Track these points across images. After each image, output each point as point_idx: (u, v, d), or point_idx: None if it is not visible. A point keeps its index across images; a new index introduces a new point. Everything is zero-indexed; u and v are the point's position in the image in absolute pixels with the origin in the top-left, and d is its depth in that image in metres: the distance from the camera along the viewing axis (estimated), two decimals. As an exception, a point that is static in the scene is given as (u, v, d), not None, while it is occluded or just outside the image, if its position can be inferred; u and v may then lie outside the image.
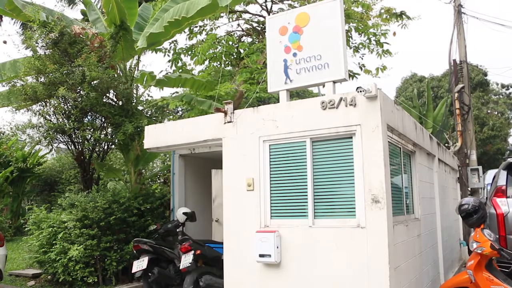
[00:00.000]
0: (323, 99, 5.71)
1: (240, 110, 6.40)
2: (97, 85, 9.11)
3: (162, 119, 11.38)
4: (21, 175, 15.30)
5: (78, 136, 9.78)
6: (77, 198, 8.60)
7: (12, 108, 9.78)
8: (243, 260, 5.98)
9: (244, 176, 6.11)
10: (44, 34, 9.19)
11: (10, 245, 8.84)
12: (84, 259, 7.86)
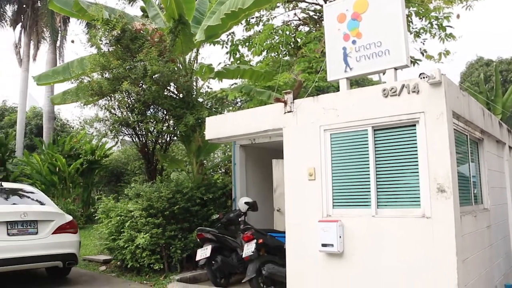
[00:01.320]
0: (384, 86, 5.59)
1: (300, 100, 6.39)
2: (158, 79, 9.36)
3: (221, 110, 11.54)
4: (90, 166, 16.01)
5: (142, 129, 10.11)
6: (142, 188, 8.92)
7: (80, 103, 10.25)
8: (305, 250, 6.00)
9: (305, 165, 6.11)
10: (107, 31, 9.53)
11: (82, 232, 9.34)
12: (150, 246, 8.14)
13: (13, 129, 27.97)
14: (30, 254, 7.22)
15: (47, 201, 8.57)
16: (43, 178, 15.83)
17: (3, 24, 26.35)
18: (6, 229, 7.09)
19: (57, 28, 24.66)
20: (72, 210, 13.11)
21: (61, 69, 11.63)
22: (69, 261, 7.77)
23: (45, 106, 24.57)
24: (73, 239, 7.87)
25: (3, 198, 8.16)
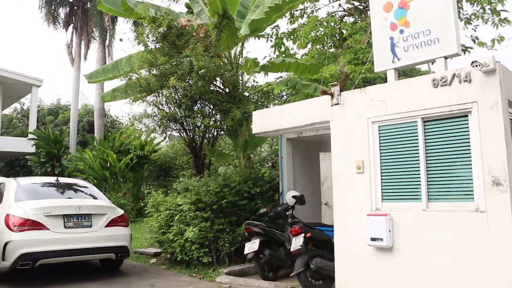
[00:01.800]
0: (434, 76, 5.43)
1: (347, 92, 6.30)
2: (204, 74, 9.46)
3: (267, 104, 11.55)
4: (140, 161, 16.37)
5: (189, 124, 10.26)
6: (190, 183, 9.06)
7: (129, 100, 10.51)
8: (354, 244, 5.94)
9: (353, 158, 6.03)
10: (153, 29, 9.71)
11: (133, 225, 9.59)
12: (199, 240, 8.26)
13: (67, 126, 29.03)
14: (85, 246, 7.48)
15: (100, 195, 8.85)
16: (95, 173, 16.32)
17: (57, 26, 27.34)
18: (63, 222, 7.38)
19: (105, 28, 25.35)
20: (123, 204, 13.46)
21: (110, 67, 11.95)
22: (121, 254, 7.99)
23: (96, 103, 25.35)
24: (125, 232, 8.09)
25: (59, 193, 8.52)
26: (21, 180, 8.79)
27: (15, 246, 6.96)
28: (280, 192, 8.83)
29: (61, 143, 19.91)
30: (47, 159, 19.23)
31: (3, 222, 7.20)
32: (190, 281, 7.65)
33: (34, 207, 7.37)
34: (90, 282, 7.42)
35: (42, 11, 26.87)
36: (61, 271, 8.10)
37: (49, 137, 19.71)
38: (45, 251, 7.13)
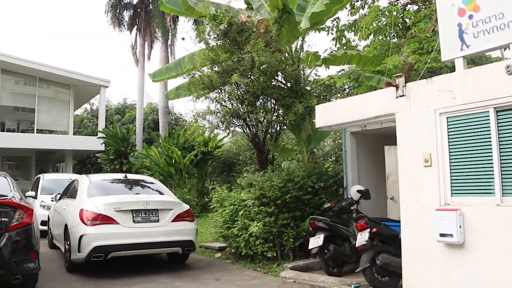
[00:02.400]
0: (508, 63, 5.13)
1: (412, 83, 6.10)
2: (266, 69, 9.47)
3: (330, 97, 11.41)
4: (204, 158, 16.68)
5: (252, 119, 10.32)
6: (254, 178, 9.11)
7: (192, 97, 10.71)
8: (422, 239, 5.74)
9: (420, 151, 5.83)
10: (214, 26, 9.82)
11: (198, 220, 9.77)
12: (263, 235, 8.29)
13: (133, 124, 30.05)
14: (153, 240, 7.70)
15: (166, 191, 9.09)
16: (161, 170, 16.81)
17: (122, 28, 28.37)
18: (132, 217, 7.63)
19: (167, 28, 25.98)
20: (188, 199, 13.76)
21: (173, 66, 12.24)
22: (188, 248, 8.15)
23: (160, 101, 26.06)
24: (191, 227, 8.25)
25: (127, 189, 8.83)
26: (92, 177, 9.20)
27: (89, 239, 7.29)
28: (344, 186, 8.70)
29: (128, 141, 20.67)
30: (116, 157, 20.04)
31: (77, 216, 7.58)
32: (255, 276, 7.70)
33: (105, 202, 7.69)
34: (158, 275, 7.64)
35: (108, 15, 27.99)
36: (130, 264, 8.39)
37: (117, 135, 20.52)
38: (116, 244, 7.42)
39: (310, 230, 7.93)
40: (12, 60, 21.76)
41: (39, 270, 6.37)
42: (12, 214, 5.96)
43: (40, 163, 26.97)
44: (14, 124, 23.86)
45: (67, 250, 7.92)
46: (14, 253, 5.84)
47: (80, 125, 37.47)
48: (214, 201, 9.68)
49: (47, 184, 14.04)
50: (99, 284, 7.05)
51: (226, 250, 9.67)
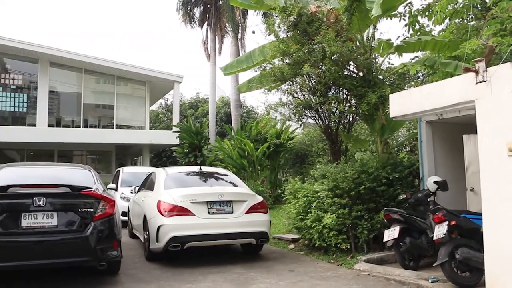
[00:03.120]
0: None
1: (494, 67, 5.76)
2: (337, 59, 9.34)
3: (404, 86, 11.06)
4: (276, 150, 16.75)
5: (324, 110, 10.23)
6: (327, 169, 9.04)
7: (264, 90, 10.77)
8: (506, 233, 5.44)
9: (503, 140, 5.50)
10: (284, 18, 9.80)
11: (271, 212, 9.84)
12: (337, 226, 8.21)
13: (206, 118, 30.75)
14: (227, 231, 7.84)
15: (240, 183, 9.23)
16: (234, 162, 17.07)
17: (193, 25, 29.06)
18: (207, 208, 7.82)
19: (237, 22, 26.28)
20: (261, 191, 13.88)
21: (244, 59, 12.35)
22: (261, 239, 8.22)
23: (232, 95, 26.45)
24: (264, 218, 8.32)
25: (202, 181, 9.07)
26: (169, 169, 9.52)
27: (166, 229, 7.56)
28: (420, 177, 8.40)
29: (202, 134, 21.16)
30: (190, 150, 20.61)
31: (155, 207, 7.88)
32: (328, 268, 7.66)
33: (181, 194, 7.94)
34: (232, 265, 7.78)
35: (180, 12, 28.76)
36: (205, 255, 8.61)
37: (191, 129, 21.08)
38: (192, 235, 7.64)
39: (385, 222, 7.75)
40: (93, 60, 23.02)
41: (121, 258, 6.72)
42: (97, 205, 6.33)
43: (119, 157, 28.29)
44: (96, 120, 25.17)
45: (146, 240, 8.27)
46: (99, 241, 6.21)
47: (155, 120, 38.88)
48: (287, 193, 9.70)
49: (127, 177, 14.71)
50: (176, 272, 7.30)
51: (299, 242, 9.68)
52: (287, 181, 10.16)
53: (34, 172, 7.55)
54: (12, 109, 22.75)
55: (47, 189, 6.28)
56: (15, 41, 21.86)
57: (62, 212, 6.16)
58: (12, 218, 5.93)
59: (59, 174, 7.57)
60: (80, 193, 6.36)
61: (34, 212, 5.99)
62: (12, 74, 22.77)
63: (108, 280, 6.75)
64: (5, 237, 5.86)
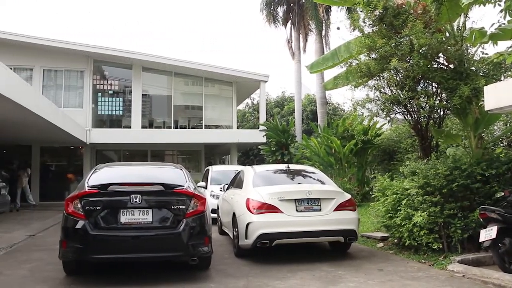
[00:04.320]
0: None
1: None
2: (426, 52, 9.02)
3: (499, 77, 10.42)
4: (363, 146, 16.43)
5: (413, 105, 9.92)
6: (417, 166, 8.75)
7: (350, 86, 10.64)
8: None
9: None
10: (369, 12, 9.61)
11: (359, 210, 9.67)
12: (428, 225, 7.92)
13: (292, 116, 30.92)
14: (315, 229, 7.85)
15: (327, 180, 9.19)
16: (321, 159, 17.00)
17: (277, 24, 29.34)
18: (295, 206, 7.87)
19: (320, 19, 26.13)
20: (348, 188, 13.69)
21: (330, 56, 12.28)
22: (350, 237, 8.14)
23: (318, 92, 26.35)
24: (353, 216, 8.23)
25: (289, 178, 9.15)
26: (256, 167, 9.72)
27: (255, 226, 7.72)
28: (521, 174, 7.89)
29: (289, 133, 21.33)
30: (277, 148, 20.83)
31: (244, 205, 8.08)
32: (419, 268, 7.42)
33: (269, 192, 8.06)
34: (320, 263, 7.77)
35: (263, 12, 29.12)
36: (293, 252, 8.68)
37: (278, 127, 21.32)
38: (280, 232, 7.74)
39: (481, 221, 7.36)
40: (182, 64, 24.00)
41: (211, 253, 6.97)
42: (188, 202, 6.63)
43: (208, 156, 29.16)
44: (185, 121, 26.12)
45: (235, 237, 8.48)
46: (191, 237, 6.50)
47: (242, 119, 39.64)
48: (376, 190, 9.53)
49: (216, 175, 15.17)
50: (265, 269, 7.43)
51: (388, 240, 9.47)
52: (375, 178, 9.97)
53: (130, 171, 8.04)
54: (110, 113, 24.29)
55: (143, 187, 6.67)
56: (112, 50, 23.39)
57: (156, 209, 6.52)
58: (112, 214, 6.40)
59: (153, 173, 8.01)
60: (173, 191, 6.70)
61: (131, 208, 6.41)
62: (109, 80, 24.33)
63: (199, 275, 7.02)
64: (107, 231, 6.33)
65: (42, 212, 18.34)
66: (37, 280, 6.83)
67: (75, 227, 6.29)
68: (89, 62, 23.55)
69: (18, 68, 21.45)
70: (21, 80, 12.17)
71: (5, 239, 10.94)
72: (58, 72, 23.69)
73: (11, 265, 7.95)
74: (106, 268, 7.30)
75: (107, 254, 6.35)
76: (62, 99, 23.29)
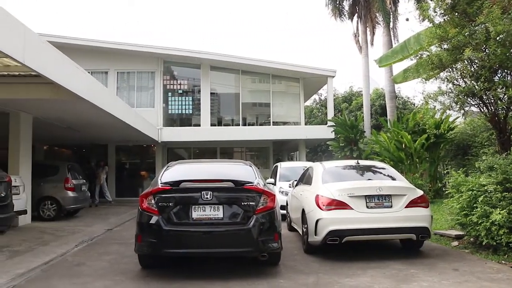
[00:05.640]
0: None
1: None
2: (504, 39, 8.55)
3: None
4: (435, 141, 15.89)
5: (490, 97, 9.45)
6: (495, 161, 8.33)
7: (421, 79, 10.30)
8: None
9: None
10: (440, 1, 9.26)
11: (431, 206, 9.30)
12: (508, 224, 7.47)
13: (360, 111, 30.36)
14: (386, 226, 7.65)
15: (398, 176, 8.94)
16: (391, 155, 16.60)
17: (343, 18, 28.87)
18: (365, 202, 7.72)
19: (388, 11, 25.43)
20: (420, 185, 13.30)
21: (399, 48, 11.97)
22: (422, 235, 7.86)
23: (386, 86, 25.69)
24: (425, 213, 7.95)
25: (359, 174, 8.99)
26: (326, 164, 9.63)
27: (324, 223, 7.66)
28: None
29: (357, 128, 21.02)
30: (346, 144, 20.60)
31: (313, 201, 8.04)
32: (499, 269, 7.00)
33: (339, 188, 7.97)
34: (391, 261, 7.56)
35: (329, 7, 28.75)
36: (362, 249, 8.53)
37: (346, 123, 21.06)
38: (350, 229, 7.62)
39: None
40: (250, 61, 24.26)
41: (281, 249, 6.99)
42: (258, 199, 6.67)
43: (276, 153, 29.26)
44: (253, 118, 26.35)
45: (305, 233, 8.45)
46: (261, 233, 6.54)
47: (310, 115, 39.45)
48: (449, 187, 9.16)
49: (284, 171, 15.21)
50: (335, 265, 7.35)
51: (463, 239, 9.06)
52: (448, 174, 9.59)
53: (201, 168, 8.23)
54: (180, 112, 24.99)
55: (214, 183, 6.78)
56: (181, 50, 24.14)
57: (226, 205, 6.62)
58: (184, 210, 6.57)
59: (223, 169, 8.14)
60: (243, 187, 6.77)
61: (202, 205, 6.55)
62: (178, 80, 25.05)
63: (269, 270, 7.05)
64: (179, 226, 6.50)
65: (118, 207, 19.28)
66: (115, 272, 7.17)
67: (150, 222, 6.52)
68: (159, 63, 24.42)
69: (95, 72, 22.65)
70: (99, 83, 12.89)
71: (86, 232, 11.70)
72: (130, 74, 24.76)
73: (92, 257, 8.45)
74: (179, 263, 7.52)
75: (179, 249, 6.54)
76: (135, 99, 24.36)
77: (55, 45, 9.45)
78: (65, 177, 14.78)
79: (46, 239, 10.42)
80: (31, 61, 7.96)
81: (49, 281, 6.67)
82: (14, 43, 7.42)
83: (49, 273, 7.17)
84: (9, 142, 12.54)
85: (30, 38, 7.99)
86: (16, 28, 7.55)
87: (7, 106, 11.73)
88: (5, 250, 8.88)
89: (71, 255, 8.70)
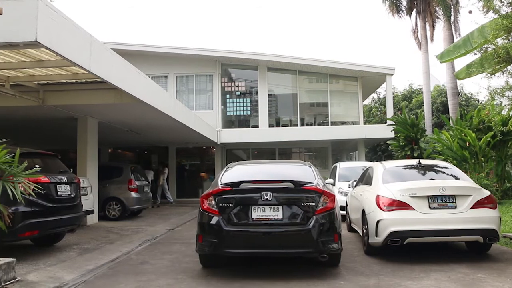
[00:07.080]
0: None
1: None
2: None
3: None
4: (503, 139, 15.17)
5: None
6: None
7: (486, 74, 9.90)
8: None
9: None
10: (508, -9, 8.85)
11: (499, 207, 8.89)
12: None
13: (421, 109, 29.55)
14: (450, 227, 7.39)
15: (462, 176, 8.62)
16: (454, 154, 16.00)
17: (400, 14, 28.18)
18: (427, 203, 7.50)
19: (448, 4, 24.58)
20: (486, 184, 12.75)
21: (461, 43, 11.54)
22: (490, 237, 7.51)
23: (448, 83, 24.83)
24: (493, 214, 7.60)
25: (421, 174, 8.75)
26: (386, 163, 9.43)
27: (385, 224, 7.51)
28: None
29: (418, 126, 20.44)
30: (406, 143, 20.08)
31: (374, 202, 7.91)
32: None
33: (400, 188, 7.78)
34: (455, 264, 7.30)
35: (386, 3, 28.13)
36: (425, 252, 8.29)
37: (406, 121, 20.54)
38: (412, 230, 7.42)
39: None
40: (306, 61, 24.21)
41: (341, 251, 6.92)
42: (318, 199, 6.64)
43: (335, 153, 28.96)
44: (311, 118, 26.24)
45: (365, 234, 8.32)
46: (321, 234, 6.50)
47: (368, 114, 38.76)
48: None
49: (343, 171, 15.05)
50: (396, 268, 7.18)
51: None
52: (518, 173, 9.13)
53: (260, 169, 8.28)
54: (238, 113, 25.32)
55: (273, 184, 6.81)
56: (239, 53, 24.49)
57: (286, 206, 6.62)
58: (244, 211, 6.64)
59: (282, 170, 8.15)
60: (303, 188, 6.75)
61: (262, 205, 6.59)
62: (236, 82, 25.41)
63: (329, 271, 7.00)
64: (239, 227, 6.58)
65: (179, 208, 19.79)
66: (177, 271, 7.36)
67: (210, 222, 6.64)
68: (217, 66, 24.83)
69: (155, 76, 23.38)
70: (159, 87, 13.26)
71: (149, 232, 12.11)
72: (189, 77, 25.33)
73: (155, 256, 8.73)
74: (239, 263, 7.61)
75: (239, 249, 6.62)
76: (194, 102, 24.91)
77: (117, 52, 9.82)
78: (128, 178, 15.35)
79: (112, 238, 10.89)
80: (97, 68, 8.33)
81: (116, 278, 6.96)
82: (82, 52, 7.80)
83: (115, 270, 7.49)
84: (77, 146, 13.22)
85: (95, 46, 8.37)
86: (83, 38, 7.93)
87: (76, 112, 12.36)
88: (75, 248, 9.38)
89: (135, 253, 9.04)
